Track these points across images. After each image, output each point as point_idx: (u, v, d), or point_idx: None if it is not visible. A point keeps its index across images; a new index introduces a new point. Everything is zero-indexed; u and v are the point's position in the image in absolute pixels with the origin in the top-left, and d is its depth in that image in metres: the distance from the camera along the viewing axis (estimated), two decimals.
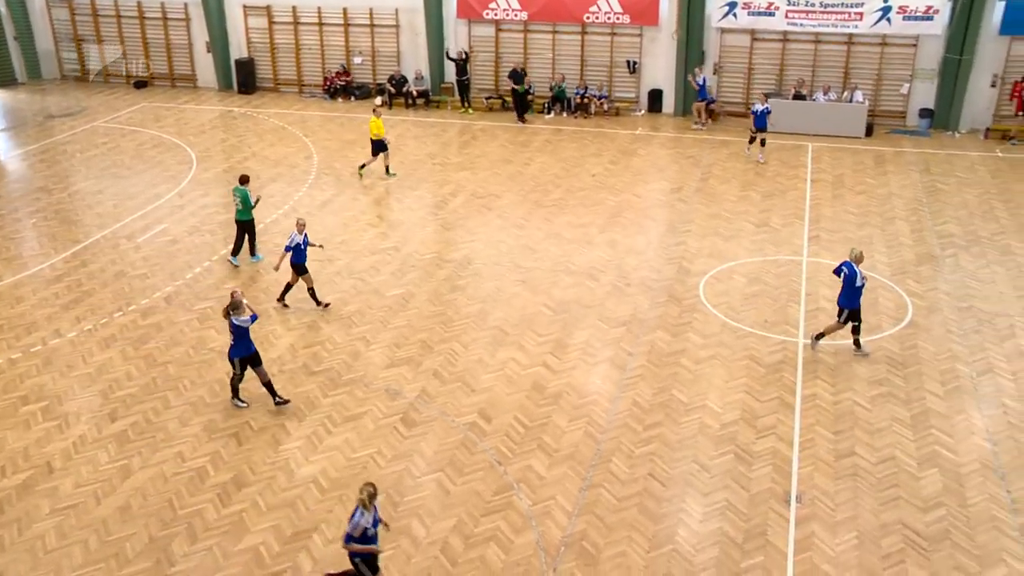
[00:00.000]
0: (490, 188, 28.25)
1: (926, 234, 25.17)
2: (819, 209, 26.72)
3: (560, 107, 36.18)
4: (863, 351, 19.22)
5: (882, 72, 34.41)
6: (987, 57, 33.07)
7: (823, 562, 13.68)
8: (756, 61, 35.28)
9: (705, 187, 28.49)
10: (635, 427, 16.72)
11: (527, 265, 22.93)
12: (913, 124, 34.34)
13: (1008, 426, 17.00)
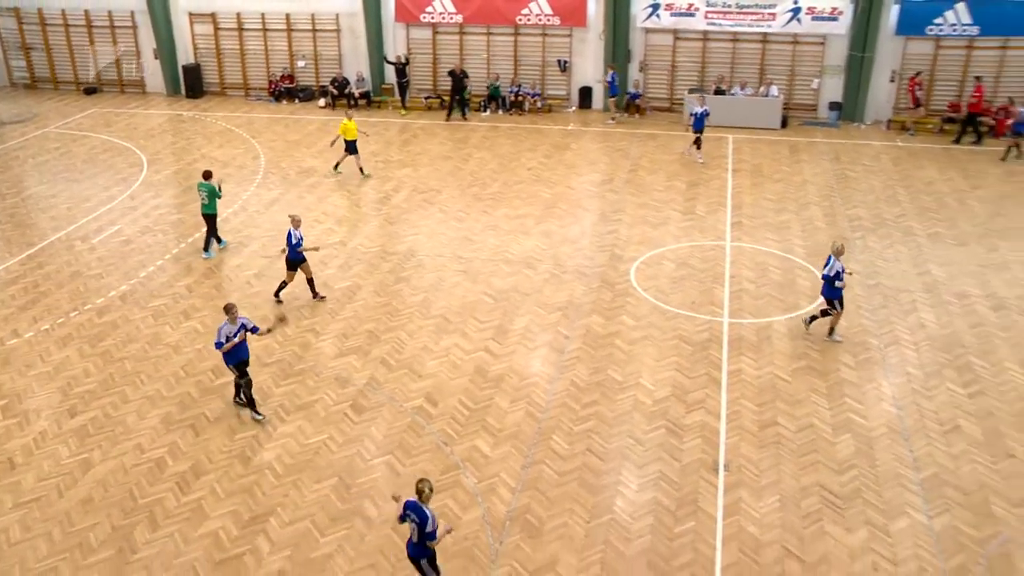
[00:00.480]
0: (431, 184, 28.25)
1: (837, 218, 25.66)
2: (740, 197, 27.11)
3: (496, 105, 36.26)
4: (809, 330, 19.46)
5: (794, 68, 34.94)
6: (886, 55, 33.81)
7: (749, 524, 13.98)
8: (679, 59, 35.63)
9: (634, 178, 28.75)
10: (573, 406, 16.91)
11: (467, 256, 23.01)
12: (823, 116, 34.96)
13: (912, 392, 17.49)
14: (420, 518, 11.70)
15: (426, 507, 11.74)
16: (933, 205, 26.78)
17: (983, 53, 33.46)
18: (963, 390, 17.58)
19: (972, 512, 14.37)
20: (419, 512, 11.72)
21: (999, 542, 13.74)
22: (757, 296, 20.95)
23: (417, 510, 11.75)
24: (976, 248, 23.72)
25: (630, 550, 13.45)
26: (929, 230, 24.95)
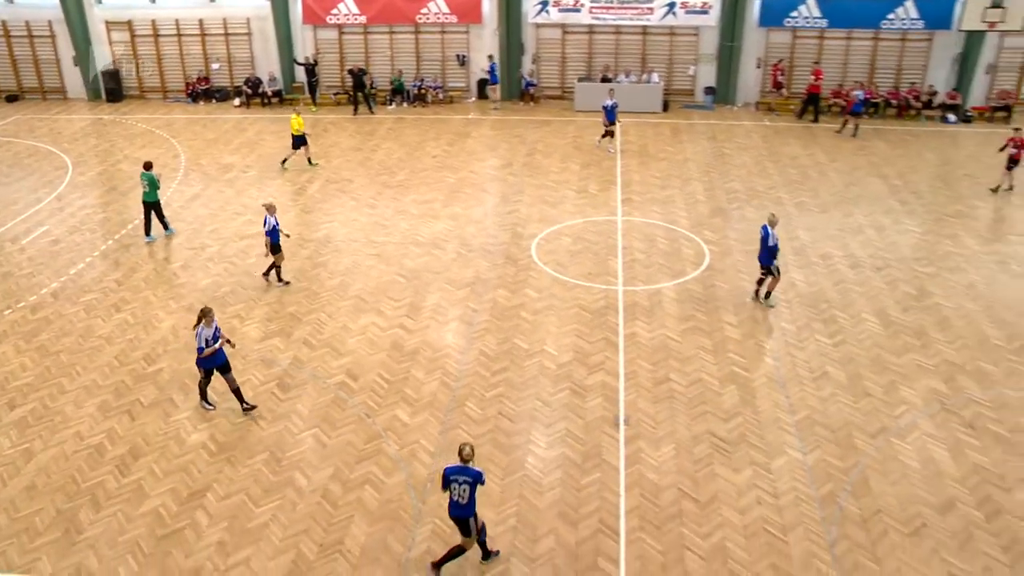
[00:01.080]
0: (343, 174, 28.01)
1: (716, 191, 26.25)
2: (629, 175, 27.52)
3: (400, 98, 36.05)
4: (759, 297, 19.79)
5: (672, 57, 35.55)
6: (752, 44, 34.83)
7: (649, 472, 14.35)
8: (568, 51, 35.94)
9: (531, 161, 28.94)
10: (484, 374, 17.07)
11: (380, 240, 22.95)
12: (700, 100, 35.68)
13: (786, 345, 18.11)
14: (473, 476, 11.83)
15: (473, 466, 11.92)
16: (798, 177, 27.61)
17: (832, 43, 34.77)
18: (829, 340, 18.27)
19: (838, 446, 15.03)
20: (469, 472, 11.84)
21: (858, 469, 14.41)
22: (647, 265, 21.37)
23: (466, 471, 11.85)
24: (835, 214, 24.60)
25: (542, 502, 13.71)
26: (796, 199, 25.74)
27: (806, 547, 12.89)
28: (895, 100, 34.55)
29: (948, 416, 15.93)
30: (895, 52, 34.95)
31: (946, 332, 18.67)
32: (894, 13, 33.67)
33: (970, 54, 34.19)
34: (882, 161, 29.33)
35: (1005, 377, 17.13)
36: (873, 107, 34.43)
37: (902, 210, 25.17)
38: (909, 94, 34.51)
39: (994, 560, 12.73)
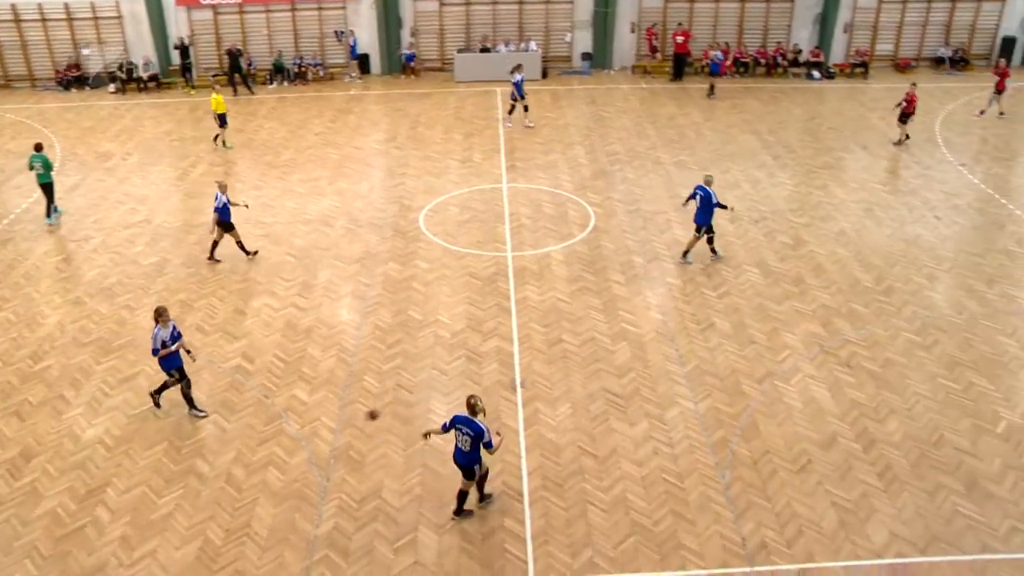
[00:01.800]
0: (227, 156, 27.18)
1: (598, 154, 26.46)
2: (512, 143, 27.49)
3: (281, 77, 35.15)
4: (718, 255, 20.05)
5: (549, 25, 35.57)
6: (625, 9, 35.11)
7: (547, 431, 14.46)
8: (446, 23, 35.53)
9: (415, 134, 28.63)
10: (380, 347, 16.90)
11: (267, 221, 22.38)
12: (578, 66, 35.82)
13: (673, 299, 18.45)
14: (475, 431, 12.01)
15: (479, 421, 12.05)
16: (676, 137, 28.05)
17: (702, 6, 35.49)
18: (713, 292, 18.68)
19: (727, 393, 15.44)
20: (472, 426, 12.03)
21: (747, 414, 14.83)
22: (534, 230, 21.44)
23: (470, 424, 12.05)
24: (713, 171, 24.88)
25: (446, 469, 13.61)
26: (675, 158, 26.16)
27: (702, 491, 13.21)
28: (763, 59, 35.39)
29: (827, 357, 16.51)
30: (761, 13, 35.80)
31: (821, 278, 19.31)
32: None
33: (829, 14, 35.33)
34: (754, 118, 30.04)
35: (875, 317, 17.84)
36: (743, 67, 35.23)
37: (775, 164, 25.85)
38: (776, 53, 35.40)
39: (871, 487, 13.33)
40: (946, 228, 21.88)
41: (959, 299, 18.59)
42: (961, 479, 13.53)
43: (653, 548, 12.25)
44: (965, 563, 12.05)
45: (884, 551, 12.21)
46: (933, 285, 19.13)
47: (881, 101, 32.22)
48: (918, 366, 16.29)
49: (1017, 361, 16.48)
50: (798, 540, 12.37)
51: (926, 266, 19.93)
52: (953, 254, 20.52)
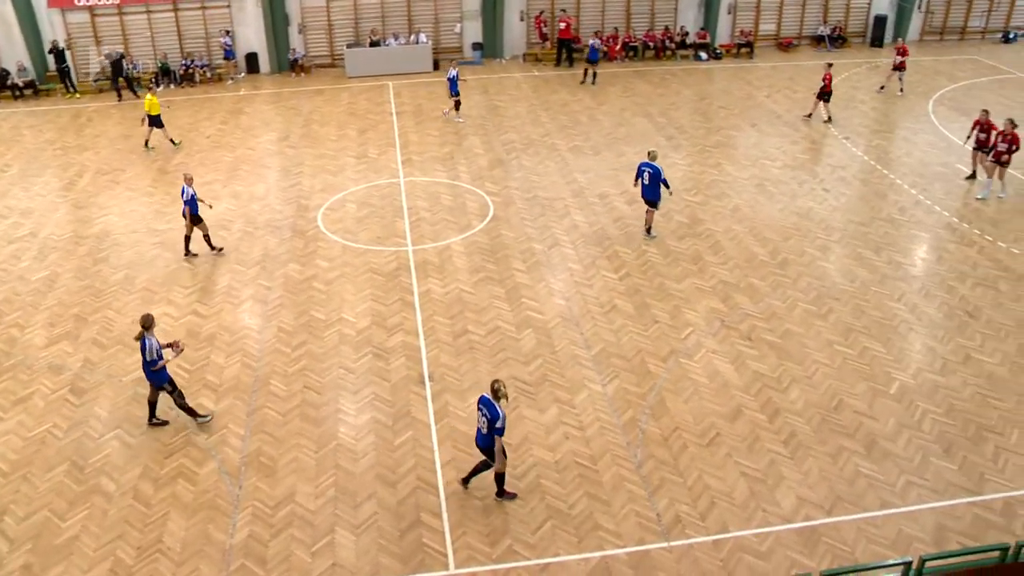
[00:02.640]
0: (114, 164, 26.29)
1: (493, 144, 26.48)
2: (407, 136, 27.29)
3: (168, 80, 34.16)
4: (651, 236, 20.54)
5: (438, 16, 35.40)
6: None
7: (459, 424, 14.43)
8: (334, 18, 34.98)
9: (308, 132, 28.17)
10: (285, 350, 16.60)
11: (162, 228, 21.72)
12: (469, 56, 35.72)
13: (575, 284, 18.59)
14: (491, 415, 12.04)
15: (498, 406, 12.07)
16: (570, 123, 28.27)
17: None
18: (615, 275, 18.91)
19: (634, 374, 15.64)
20: (491, 409, 12.05)
21: (654, 392, 15.06)
22: (434, 223, 21.34)
23: (489, 407, 12.07)
24: (608, 155, 25.38)
25: (359, 468, 13.54)
26: (570, 144, 26.36)
27: (615, 472, 13.37)
28: (652, 43, 35.91)
29: (728, 332, 16.88)
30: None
31: (719, 255, 19.72)
32: None
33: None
34: (646, 101, 30.48)
35: (772, 290, 18.32)
36: (633, 51, 35.69)
37: (668, 145, 26.26)
38: (664, 36, 35.95)
39: (777, 455, 13.71)
40: (834, 200, 22.58)
41: (850, 268, 19.21)
42: (860, 440, 14.02)
43: (571, 531, 12.35)
44: (868, 519, 12.50)
45: (793, 516, 12.56)
46: (825, 256, 19.73)
47: (767, 79, 33.10)
48: (815, 335, 16.79)
49: (906, 324, 17.13)
50: (711, 512, 12.63)
51: (818, 238, 20.54)
52: (842, 224, 21.20)
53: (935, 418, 14.55)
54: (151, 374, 14.16)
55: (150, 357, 13.92)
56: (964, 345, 16.53)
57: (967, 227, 21.05)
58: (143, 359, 14.03)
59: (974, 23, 39.31)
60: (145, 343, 13.92)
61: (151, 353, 13.91)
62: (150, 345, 13.90)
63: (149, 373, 14.16)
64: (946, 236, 20.70)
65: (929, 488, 13.09)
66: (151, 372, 14.13)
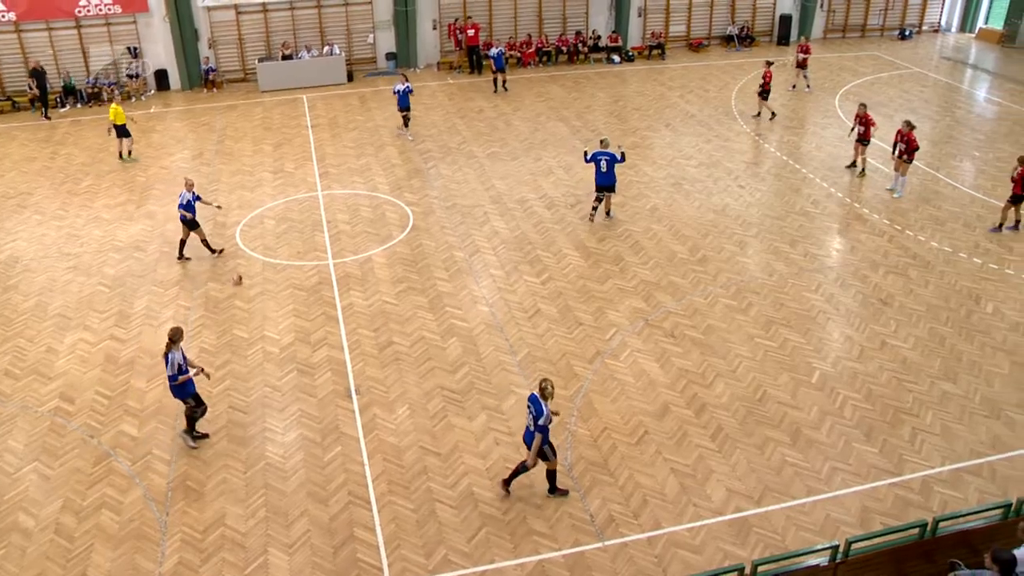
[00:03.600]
0: (20, 187, 25.47)
1: (411, 154, 26.38)
2: (323, 149, 27.03)
3: (74, 99, 33.25)
4: (594, 217, 21.53)
5: (350, 27, 35.16)
6: (427, 6, 35.17)
7: (388, 436, 14.31)
8: (245, 32, 34.51)
9: (223, 148, 27.71)
10: (207, 370, 16.25)
11: (74, 251, 21.14)
12: (383, 66, 35.58)
13: (498, 290, 18.62)
14: (537, 411, 12.35)
15: (545, 404, 12.32)
16: (486, 130, 28.33)
17: None
18: (537, 279, 18.98)
19: (560, 376, 15.70)
20: (537, 406, 12.36)
21: (582, 394, 15.16)
22: (354, 235, 21.17)
23: (536, 404, 12.39)
24: (525, 160, 25.49)
25: (289, 487, 13.34)
26: (487, 151, 26.41)
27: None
28: (565, 47, 36.21)
29: (652, 330, 17.07)
30: (558, 2, 36.64)
31: (639, 255, 19.95)
32: None
33: (623, 0, 36.41)
34: (561, 105, 30.70)
35: (693, 286, 18.59)
36: (547, 55, 35.94)
37: (585, 148, 26.45)
38: (576, 40, 36.28)
39: (706, 449, 13.90)
40: (749, 196, 23.03)
41: (767, 261, 19.60)
42: (785, 430, 14.30)
43: (505, 537, 12.34)
44: (796, 507, 12.76)
45: (724, 508, 12.75)
46: (743, 251, 20.10)
47: (679, 80, 33.64)
48: (737, 329, 17.08)
49: (824, 314, 17.54)
50: (644, 510, 12.74)
51: (735, 233, 20.91)
52: (758, 219, 21.63)
53: (855, 404, 14.92)
54: (173, 388, 13.98)
55: (171, 371, 13.72)
56: (879, 332, 16.99)
57: (877, 217, 21.66)
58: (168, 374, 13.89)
59: (873, 21, 40.59)
60: (168, 357, 13.71)
61: (172, 367, 13.71)
62: (172, 359, 13.69)
63: (172, 387, 13.99)
64: (858, 227, 21.26)
65: (852, 472, 13.42)
66: (173, 386, 13.94)
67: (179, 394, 14.04)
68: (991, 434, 14.24)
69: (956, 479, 13.33)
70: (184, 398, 14.11)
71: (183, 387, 13.95)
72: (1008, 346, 16.57)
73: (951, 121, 29.08)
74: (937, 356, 16.20)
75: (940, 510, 12.57)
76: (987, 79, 34.48)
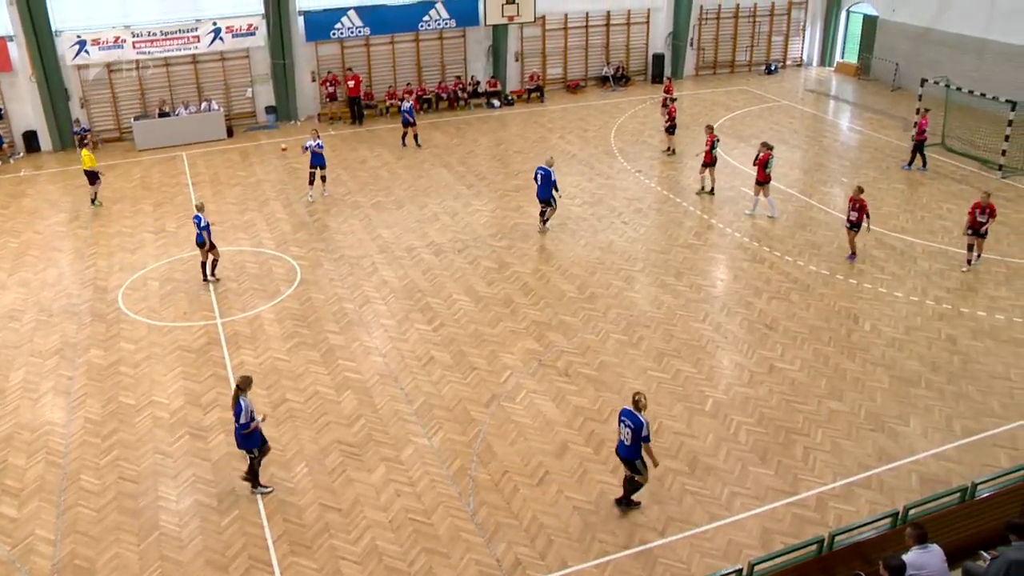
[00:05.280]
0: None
1: (295, 207, 26.10)
2: (206, 207, 26.41)
3: None
4: (546, 228, 23.71)
5: (228, 82, 34.70)
6: (303, 59, 35.06)
7: (286, 495, 14.01)
8: (119, 90, 33.59)
9: (100, 210, 26.83)
10: (94, 441, 15.61)
11: None
12: (263, 120, 35.18)
13: (390, 340, 18.52)
14: (635, 424, 12.64)
15: (641, 415, 12.65)
16: (370, 179, 28.28)
17: (378, 48, 36.14)
18: (429, 327, 18.94)
19: (457, 423, 15.68)
20: (634, 419, 12.67)
21: (480, 439, 15.14)
22: (241, 292, 20.76)
23: (632, 417, 12.70)
24: (411, 208, 25.52)
25: (186, 556, 12.88)
26: (372, 201, 26.34)
27: (451, 523, 13.31)
28: (445, 94, 36.52)
29: (546, 370, 17.20)
30: (436, 50, 36.98)
31: (529, 296, 20.12)
32: (428, 15, 35.57)
33: (499, 45, 37.07)
34: (444, 151, 30.90)
35: (584, 324, 18.84)
36: (427, 103, 36.18)
37: (470, 193, 26.68)
38: (456, 87, 36.64)
39: (607, 484, 14.04)
40: (633, 231, 23.54)
41: (655, 295, 20.03)
42: (683, 460, 14.56)
43: None
44: (699, 534, 12.99)
45: (629, 541, 12.87)
46: (631, 286, 20.49)
47: (559, 121, 34.28)
48: (630, 363, 17.36)
49: (712, 343, 17.99)
50: (550, 550, 12.75)
51: (622, 269, 21.32)
52: (643, 254, 22.11)
53: (749, 428, 15.31)
54: (242, 438, 13.75)
55: (245, 419, 13.38)
56: (767, 356, 17.51)
57: (757, 245, 22.39)
58: (236, 422, 13.62)
59: (740, 57, 42.25)
60: (242, 404, 13.45)
61: (246, 415, 13.48)
62: (246, 407, 13.47)
63: (240, 436, 13.75)
64: (740, 255, 21.95)
65: (751, 496, 13.74)
66: (242, 436, 13.71)
67: (247, 444, 13.82)
68: (877, 447, 14.81)
69: (848, 493, 13.79)
70: (251, 448, 13.88)
71: (253, 436, 13.77)
72: (887, 361, 17.30)
73: (819, 149, 30.41)
74: (823, 376, 16.78)
75: (835, 524, 12.96)
76: (848, 109, 36.21)
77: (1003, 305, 19.42)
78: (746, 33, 41.99)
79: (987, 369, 17.08)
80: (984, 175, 27.48)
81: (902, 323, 18.72)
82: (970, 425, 15.41)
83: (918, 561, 10.05)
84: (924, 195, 25.93)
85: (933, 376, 16.87)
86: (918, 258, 21.69)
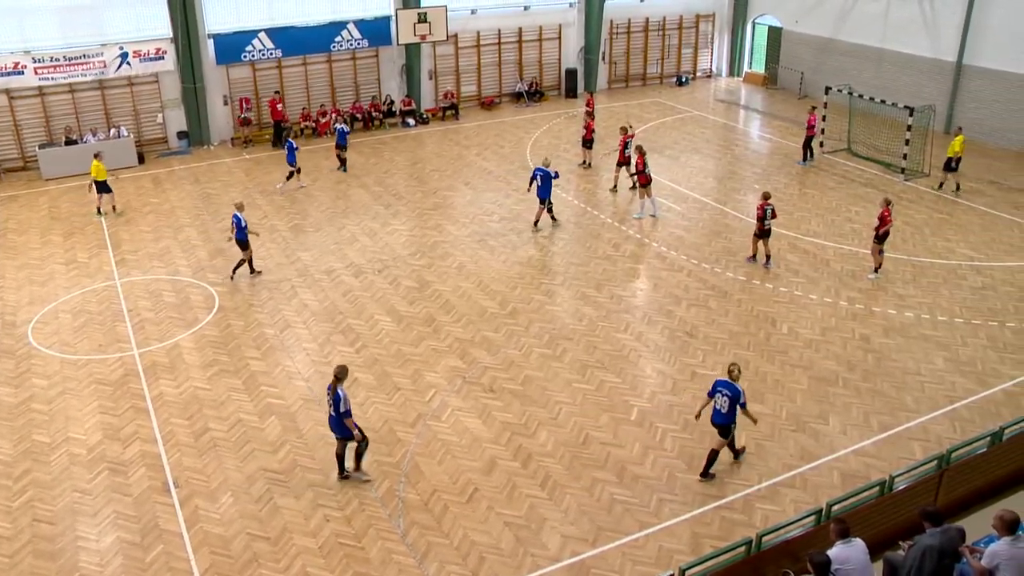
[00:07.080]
0: None
1: (211, 233, 25.68)
2: (118, 236, 25.86)
3: None
4: (558, 223, 25.07)
5: (137, 107, 33.96)
6: (215, 82, 34.48)
7: (213, 527, 13.74)
8: (21, 117, 32.49)
9: (6, 242, 25.94)
10: (5, 483, 15.03)
11: None
12: (175, 146, 34.53)
13: (313, 363, 18.34)
14: (733, 393, 13.82)
15: (738, 384, 13.85)
16: (287, 203, 27.97)
17: (291, 70, 35.81)
18: (351, 348, 18.82)
19: (384, 444, 15.60)
20: (732, 388, 13.84)
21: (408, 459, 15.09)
22: (158, 322, 20.32)
23: (730, 387, 13.85)
24: (329, 230, 25.34)
25: None
26: (290, 224, 26.07)
27: (382, 546, 13.22)
28: (359, 114, 36.36)
29: (471, 387, 17.23)
30: (349, 71, 36.81)
31: (451, 313, 20.14)
32: (340, 36, 35.43)
33: (412, 64, 37.10)
34: (361, 172, 30.75)
35: (507, 340, 18.93)
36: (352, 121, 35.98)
37: (387, 213, 26.61)
38: (371, 107, 36.51)
39: (536, 498, 14.13)
40: (552, 245, 23.75)
41: (576, 307, 20.23)
42: (611, 470, 14.72)
43: None
44: (629, 543, 13.15)
45: (560, 554, 12.96)
46: (552, 299, 20.66)
47: (475, 138, 34.44)
48: (554, 376, 17.49)
49: (635, 352, 18.24)
50: (482, 567, 12.75)
51: (543, 283, 21.49)
52: (563, 268, 22.32)
53: (674, 435, 15.56)
54: (340, 425, 14.16)
55: (344, 408, 13.66)
56: (688, 363, 17.83)
57: (675, 254, 22.80)
58: (333, 410, 14.08)
59: (652, 70, 43.07)
60: (339, 394, 13.91)
61: (345, 403, 13.95)
62: (344, 396, 13.93)
63: (338, 425, 14.21)
64: (658, 265, 22.31)
65: (679, 502, 13.97)
66: (340, 424, 14.14)
67: (346, 431, 14.19)
68: (799, 446, 15.20)
69: (774, 493, 14.12)
70: (346, 435, 14.29)
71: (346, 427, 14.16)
72: (804, 362, 17.78)
73: (731, 158, 31.13)
74: (744, 380, 17.01)
75: (762, 525, 13.26)
76: (757, 117, 37.15)
77: (911, 303, 20.14)
78: (656, 46, 42.90)
79: (899, 365, 17.68)
80: (888, 178, 28.48)
81: (818, 324, 19.27)
82: (886, 420, 15.93)
83: (842, 555, 10.38)
84: (833, 199, 26.74)
85: (849, 375, 17.39)
86: (830, 260, 22.35)
